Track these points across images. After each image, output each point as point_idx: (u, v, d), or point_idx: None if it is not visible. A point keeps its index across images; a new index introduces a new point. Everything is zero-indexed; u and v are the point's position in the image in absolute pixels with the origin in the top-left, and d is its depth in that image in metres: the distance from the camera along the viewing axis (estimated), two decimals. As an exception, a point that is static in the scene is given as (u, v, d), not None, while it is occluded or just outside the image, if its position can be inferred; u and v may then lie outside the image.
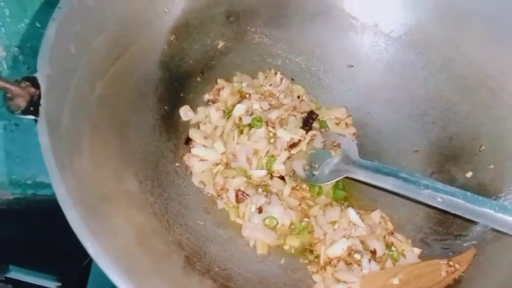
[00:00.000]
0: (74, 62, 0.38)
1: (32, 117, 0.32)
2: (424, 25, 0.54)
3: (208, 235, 0.45)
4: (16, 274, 0.82)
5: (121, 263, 0.28)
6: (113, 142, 0.42)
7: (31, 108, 0.32)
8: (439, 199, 0.42)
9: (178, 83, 0.52)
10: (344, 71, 0.59)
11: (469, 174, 0.50)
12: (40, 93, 0.33)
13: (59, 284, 0.83)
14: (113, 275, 0.27)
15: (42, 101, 0.33)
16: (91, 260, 0.86)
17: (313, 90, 0.59)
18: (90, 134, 0.38)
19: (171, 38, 0.51)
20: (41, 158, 0.90)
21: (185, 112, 0.52)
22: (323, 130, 0.53)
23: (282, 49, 0.59)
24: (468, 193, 0.42)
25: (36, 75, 0.34)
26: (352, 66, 0.59)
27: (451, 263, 0.42)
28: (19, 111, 0.32)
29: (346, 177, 0.50)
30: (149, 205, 0.42)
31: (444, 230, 0.47)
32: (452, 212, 0.42)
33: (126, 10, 0.45)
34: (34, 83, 0.33)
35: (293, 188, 0.49)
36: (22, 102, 0.32)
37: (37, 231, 0.93)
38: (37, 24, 0.65)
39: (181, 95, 0.53)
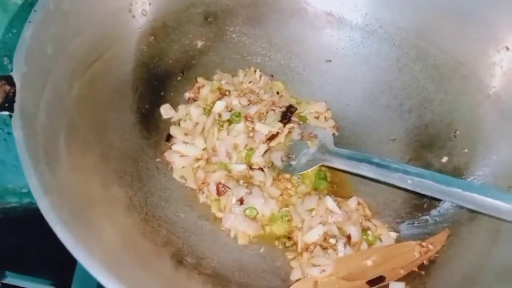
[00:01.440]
0: (51, 62, 0.40)
1: (7, 112, 0.34)
2: (397, 19, 0.55)
3: (188, 227, 0.46)
4: (12, 280, 0.83)
5: (106, 261, 0.30)
6: (92, 139, 0.43)
7: (6, 105, 0.34)
8: (409, 181, 0.43)
9: (158, 83, 0.54)
10: (322, 65, 0.60)
11: (445, 159, 0.52)
12: (15, 90, 0.34)
13: (55, 289, 0.84)
14: (99, 275, 0.29)
15: (17, 98, 0.34)
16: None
17: (293, 85, 0.60)
18: (67, 131, 0.40)
19: (150, 40, 0.53)
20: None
21: (165, 110, 0.53)
22: (301, 122, 0.54)
23: (261, 47, 0.60)
24: (437, 174, 0.43)
25: (11, 73, 0.35)
26: (330, 60, 0.60)
27: (424, 244, 0.43)
28: (-5, 108, 0.33)
29: (328, 167, 0.51)
30: (128, 198, 0.43)
31: (420, 214, 0.48)
32: (422, 193, 0.43)
33: (103, 13, 0.46)
34: (10, 81, 0.35)
35: (275, 179, 0.51)
36: (-3, 99, 0.34)
37: (33, 238, 0.95)
38: (24, 33, 0.66)
39: (162, 93, 0.54)
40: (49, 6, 0.40)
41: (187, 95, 0.56)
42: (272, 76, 0.60)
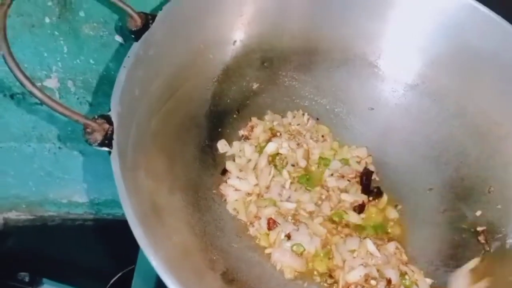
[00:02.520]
0: (137, 103, 0.45)
1: (106, 149, 0.39)
2: (440, 76, 0.60)
3: (240, 257, 0.50)
4: (49, 287, 0.88)
5: (174, 272, 0.34)
6: (162, 172, 0.48)
7: (106, 141, 0.39)
8: None
9: (217, 119, 0.59)
10: (365, 113, 0.65)
11: (479, 213, 0.55)
12: (113, 129, 0.39)
13: (89, 299, 0.88)
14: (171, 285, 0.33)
15: (114, 136, 0.39)
16: (120, 277, 0.92)
17: (336, 129, 0.64)
18: (146, 165, 0.45)
19: (213, 80, 0.58)
20: (78, 179, 0.97)
21: (222, 146, 0.58)
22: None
23: (309, 92, 0.65)
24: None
25: (109, 113, 0.40)
26: (373, 109, 0.65)
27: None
28: (96, 144, 0.38)
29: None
30: (191, 227, 0.48)
31: (454, 263, 0.52)
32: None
33: (180, 58, 0.52)
34: (108, 120, 0.40)
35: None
36: (99, 136, 0.39)
37: (70, 247, 1.00)
38: (91, 61, 0.73)
39: (219, 130, 0.59)
40: (140, 53, 0.46)
41: (241, 132, 0.60)
42: (317, 119, 0.65)
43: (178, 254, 0.40)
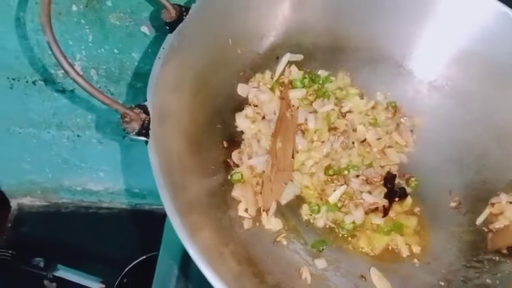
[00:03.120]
0: (170, 94, 0.45)
1: (143, 138, 0.39)
2: (466, 80, 0.60)
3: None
4: (63, 273, 0.89)
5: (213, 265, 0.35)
6: (192, 165, 0.48)
7: (143, 131, 0.39)
8: None
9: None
10: (389, 113, 0.65)
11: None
12: (150, 119, 0.40)
13: (103, 286, 0.89)
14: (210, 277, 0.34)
15: (151, 126, 0.40)
16: (133, 266, 0.93)
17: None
18: (178, 154, 0.45)
19: (240, 75, 0.59)
20: (94, 168, 0.98)
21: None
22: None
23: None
24: None
25: (146, 103, 0.41)
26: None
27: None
28: (134, 133, 0.39)
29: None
30: (218, 219, 0.48)
31: (475, 265, 0.52)
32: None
33: (210, 52, 0.52)
34: (145, 110, 0.40)
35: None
36: (136, 126, 0.39)
37: (83, 234, 1.01)
38: (115, 51, 0.73)
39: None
40: (174, 44, 0.46)
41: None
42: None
43: (211, 246, 0.41)
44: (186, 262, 0.36)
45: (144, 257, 0.93)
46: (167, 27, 0.47)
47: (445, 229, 0.57)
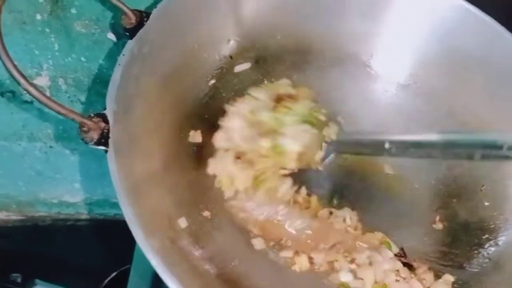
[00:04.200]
0: (132, 101, 0.45)
1: (103, 148, 0.38)
2: (431, 76, 0.61)
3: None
4: (41, 288, 0.87)
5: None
6: (159, 171, 0.48)
7: (102, 140, 0.38)
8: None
9: (211, 120, 0.59)
10: (357, 112, 0.65)
11: (471, 210, 0.56)
12: (109, 127, 0.39)
13: (82, 299, 0.87)
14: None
15: (110, 134, 0.39)
16: (113, 278, 0.91)
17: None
18: (141, 162, 0.44)
19: (207, 80, 0.58)
20: (70, 179, 0.96)
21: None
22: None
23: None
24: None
25: (105, 112, 0.40)
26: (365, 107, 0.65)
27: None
28: (92, 142, 0.38)
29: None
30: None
31: (448, 261, 0.53)
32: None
33: (174, 57, 0.52)
34: (104, 119, 0.40)
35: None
36: (95, 135, 0.38)
37: (61, 247, 0.99)
38: (83, 59, 0.72)
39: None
40: (134, 50, 0.45)
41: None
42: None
43: (176, 253, 0.40)
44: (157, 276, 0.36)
45: (123, 268, 0.91)
46: (127, 33, 0.46)
47: (418, 226, 0.57)
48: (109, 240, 1.04)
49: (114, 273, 0.93)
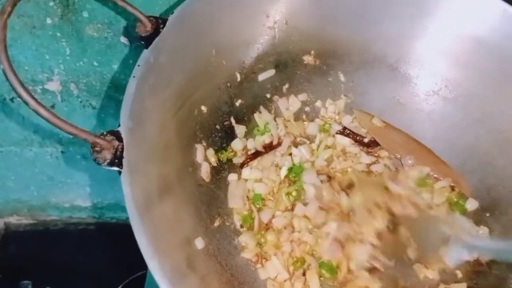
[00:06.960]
0: (148, 115, 0.42)
1: (116, 168, 0.35)
2: (464, 81, 0.57)
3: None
4: (53, 295, 0.85)
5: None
6: (174, 186, 0.45)
7: (116, 161, 0.36)
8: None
9: (230, 129, 0.56)
10: (383, 117, 0.61)
11: (505, 225, 0.52)
12: (123, 146, 0.36)
13: (94, 306, 0.85)
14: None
15: (124, 154, 0.36)
16: (126, 284, 0.89)
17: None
18: (157, 181, 0.41)
19: (226, 87, 0.55)
20: (81, 183, 0.94)
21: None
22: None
23: (325, 96, 0.62)
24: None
25: (119, 129, 0.37)
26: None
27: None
28: (105, 163, 0.35)
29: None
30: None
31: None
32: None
33: (191, 64, 0.49)
34: (118, 137, 0.37)
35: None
36: (108, 155, 0.35)
37: (73, 252, 0.97)
38: (95, 63, 0.69)
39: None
40: (150, 60, 0.42)
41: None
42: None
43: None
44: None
45: (136, 274, 0.89)
46: (143, 42, 0.43)
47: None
48: (121, 244, 1.02)
49: (127, 280, 0.91)
